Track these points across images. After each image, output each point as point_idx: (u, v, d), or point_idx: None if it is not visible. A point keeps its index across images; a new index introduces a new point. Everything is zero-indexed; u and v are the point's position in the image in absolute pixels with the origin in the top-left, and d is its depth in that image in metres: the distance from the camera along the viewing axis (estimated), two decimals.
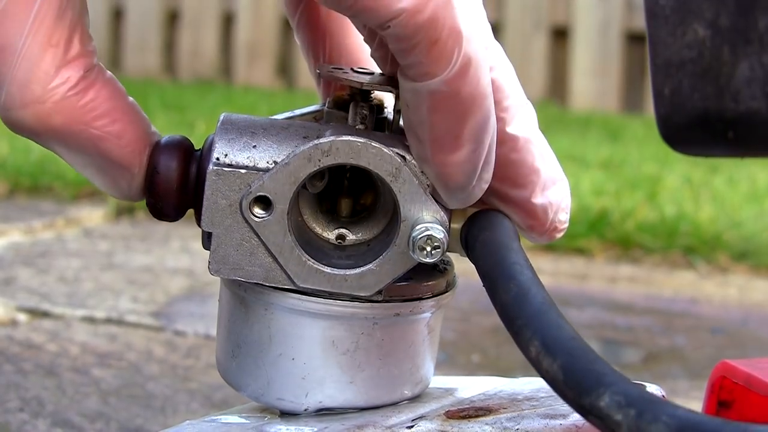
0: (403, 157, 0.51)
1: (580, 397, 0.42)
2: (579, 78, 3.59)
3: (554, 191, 0.54)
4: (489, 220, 0.52)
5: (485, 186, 0.52)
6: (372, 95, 0.55)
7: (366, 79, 0.53)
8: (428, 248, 0.51)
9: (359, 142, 0.50)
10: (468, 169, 0.50)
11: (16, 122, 0.50)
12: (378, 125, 0.55)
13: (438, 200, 0.52)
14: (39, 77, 0.49)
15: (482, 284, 0.49)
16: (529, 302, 0.46)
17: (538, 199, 0.53)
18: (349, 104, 0.55)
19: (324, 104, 0.56)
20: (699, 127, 0.42)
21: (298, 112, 0.56)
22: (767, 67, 0.40)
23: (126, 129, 0.51)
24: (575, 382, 0.43)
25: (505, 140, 0.52)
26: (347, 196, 0.54)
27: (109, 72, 0.51)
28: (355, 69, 0.55)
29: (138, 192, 0.53)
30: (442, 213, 0.51)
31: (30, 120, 0.49)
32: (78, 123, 0.50)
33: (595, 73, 3.57)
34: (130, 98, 0.52)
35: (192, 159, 0.53)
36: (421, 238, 0.51)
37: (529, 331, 0.45)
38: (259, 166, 0.51)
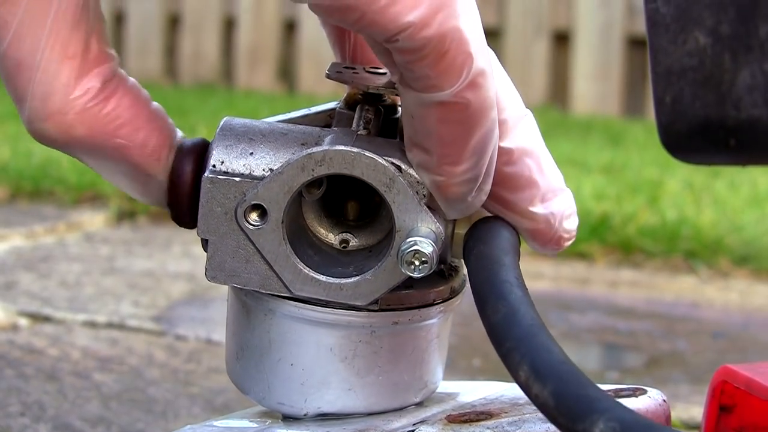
0: (399, 167, 0.50)
1: (573, 424, 0.41)
2: (580, 82, 3.59)
3: (556, 202, 0.53)
4: (487, 232, 0.52)
5: (484, 197, 0.52)
6: (385, 95, 0.54)
7: (374, 80, 0.53)
8: (416, 263, 0.50)
9: (352, 152, 0.50)
10: (470, 180, 0.50)
11: (40, 134, 0.50)
12: (389, 127, 0.54)
13: (435, 211, 0.51)
14: (58, 89, 0.49)
15: (474, 300, 0.49)
16: (517, 324, 0.45)
17: (539, 210, 0.53)
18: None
19: (339, 102, 0.56)
20: (700, 135, 0.42)
21: (314, 109, 0.56)
22: None
23: (150, 136, 0.51)
24: (567, 408, 0.42)
25: (500, 154, 0.52)
26: (355, 199, 0.54)
27: (132, 79, 0.51)
28: (368, 68, 0.54)
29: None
30: (438, 224, 0.51)
31: (53, 132, 0.50)
32: (101, 133, 0.50)
33: (596, 77, 3.56)
34: (155, 104, 0.52)
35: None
36: (408, 252, 0.50)
37: (518, 354, 0.44)
38: (255, 173, 0.51)
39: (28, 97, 0.49)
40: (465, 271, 0.55)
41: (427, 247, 0.50)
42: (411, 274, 0.50)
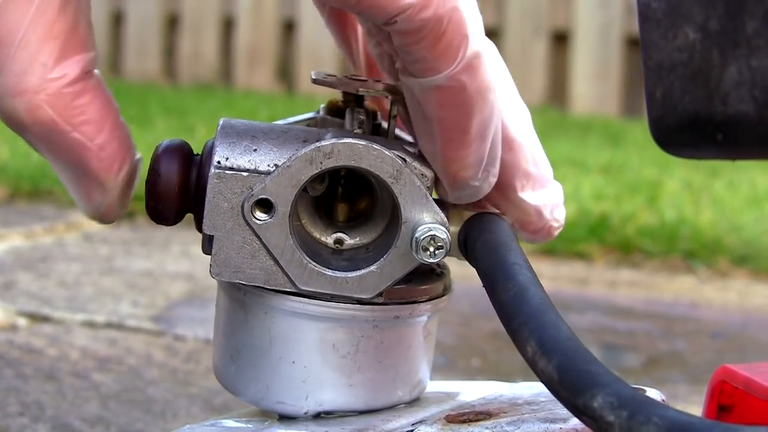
0: (404, 160, 0.51)
1: (574, 397, 0.43)
2: (579, 82, 3.59)
3: (546, 191, 0.55)
4: (488, 222, 0.53)
5: (493, 181, 0.53)
6: (365, 102, 0.55)
7: (363, 85, 0.54)
8: (431, 248, 0.51)
9: (361, 144, 0.51)
10: (475, 163, 0.51)
11: (7, 112, 0.49)
12: (373, 132, 0.56)
13: (438, 202, 0.52)
14: (36, 68, 0.48)
15: (482, 284, 0.50)
16: (527, 302, 0.47)
17: (531, 198, 0.55)
18: (342, 111, 0.56)
19: (317, 112, 0.57)
20: (689, 130, 0.42)
21: (291, 119, 0.57)
22: (755, 71, 0.40)
23: (110, 142, 0.51)
24: (570, 382, 0.43)
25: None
26: (343, 201, 0.54)
27: (108, 88, 0.51)
28: (348, 76, 0.55)
29: (110, 211, 0.52)
30: (442, 215, 0.52)
31: (21, 110, 0.49)
32: (65, 122, 0.49)
33: (595, 77, 3.57)
34: (122, 119, 0.52)
35: (192, 163, 0.53)
36: (424, 238, 0.51)
37: (527, 330, 0.45)
38: (260, 169, 0.52)
39: (3, 73, 0.48)
40: (458, 272, 0.56)
41: (442, 232, 0.51)
42: (427, 260, 0.51)
